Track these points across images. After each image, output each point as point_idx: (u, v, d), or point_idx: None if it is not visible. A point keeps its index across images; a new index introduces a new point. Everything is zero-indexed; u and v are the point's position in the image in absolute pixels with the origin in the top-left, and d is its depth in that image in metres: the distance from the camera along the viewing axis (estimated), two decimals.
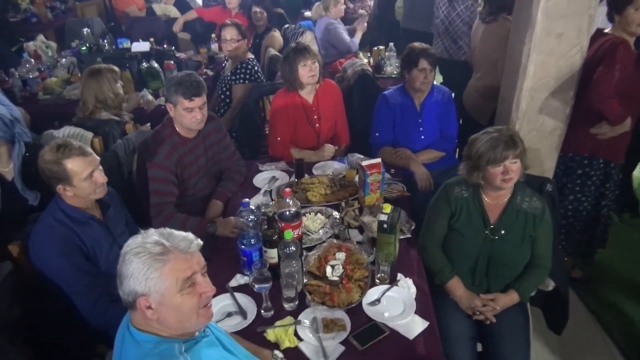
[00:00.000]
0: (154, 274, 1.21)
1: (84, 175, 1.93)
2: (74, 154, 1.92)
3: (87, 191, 1.97)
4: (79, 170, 1.92)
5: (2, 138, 2.35)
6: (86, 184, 1.95)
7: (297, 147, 3.01)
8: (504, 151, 1.91)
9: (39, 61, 4.41)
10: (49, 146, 1.94)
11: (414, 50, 2.88)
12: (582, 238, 2.98)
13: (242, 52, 3.67)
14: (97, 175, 1.97)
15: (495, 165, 1.93)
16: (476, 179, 2.02)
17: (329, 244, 2.10)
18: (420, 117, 2.98)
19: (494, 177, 1.95)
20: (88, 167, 1.94)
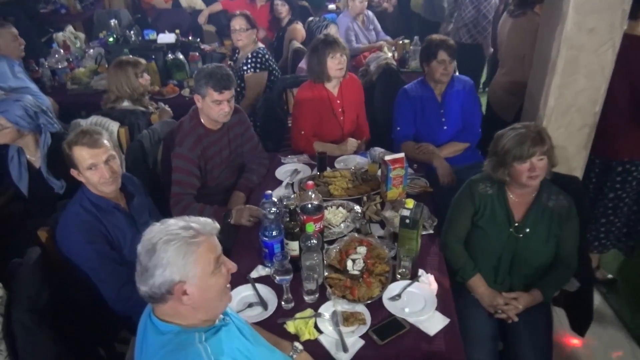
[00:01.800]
0: (191, 258, 1.23)
1: (85, 165, 1.96)
2: (83, 143, 1.95)
3: (92, 181, 1.99)
4: (81, 159, 1.96)
5: (25, 128, 2.41)
6: (89, 174, 1.97)
7: (321, 140, 3.00)
8: (531, 148, 1.87)
9: (67, 52, 4.49)
10: (75, 130, 2.00)
11: (432, 42, 2.86)
12: (621, 232, 2.93)
13: (252, 42, 3.66)
14: (102, 168, 1.97)
15: (522, 161, 1.90)
16: (502, 176, 1.99)
17: (350, 238, 2.10)
18: (442, 108, 2.96)
19: (520, 174, 1.92)
20: (91, 159, 1.95)
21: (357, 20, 4.64)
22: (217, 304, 1.33)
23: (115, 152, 2.05)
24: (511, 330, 2.00)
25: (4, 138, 2.37)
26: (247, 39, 3.64)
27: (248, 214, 2.34)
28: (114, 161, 2.01)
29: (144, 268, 1.25)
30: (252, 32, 3.65)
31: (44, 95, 3.45)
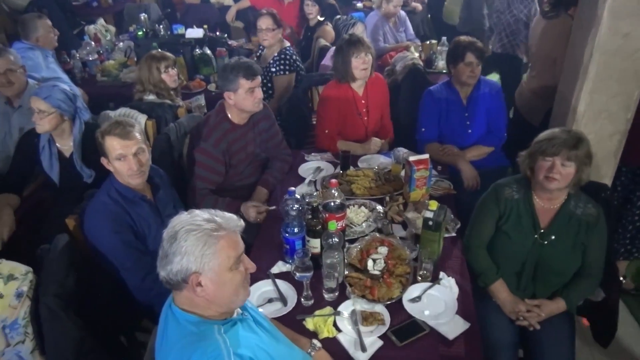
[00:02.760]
0: (209, 250, 1.24)
1: (115, 155, 2.00)
2: (115, 133, 1.99)
3: (120, 171, 2.03)
4: (111, 149, 2.00)
5: (67, 112, 2.45)
6: (118, 164, 2.01)
7: (344, 139, 3.00)
8: (559, 146, 1.84)
9: (98, 44, 4.57)
10: (110, 120, 2.05)
11: (460, 44, 2.83)
12: None
13: (279, 41, 3.67)
14: (130, 160, 2.00)
15: (545, 157, 1.87)
16: (525, 167, 1.96)
17: (371, 238, 2.10)
18: (467, 111, 2.93)
19: (539, 171, 1.90)
20: (121, 149, 1.99)
21: (389, 22, 4.61)
22: (233, 299, 1.34)
23: (145, 146, 2.08)
24: (532, 338, 1.97)
25: (49, 124, 2.41)
26: (273, 39, 3.65)
27: (254, 212, 2.39)
28: (142, 154, 2.04)
29: (164, 253, 1.28)
30: (278, 31, 3.66)
31: (74, 86, 3.51)
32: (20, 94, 2.84)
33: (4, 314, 1.68)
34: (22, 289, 1.70)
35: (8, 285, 1.69)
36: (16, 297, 1.69)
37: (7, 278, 1.70)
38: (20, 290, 1.70)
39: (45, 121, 2.39)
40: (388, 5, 4.53)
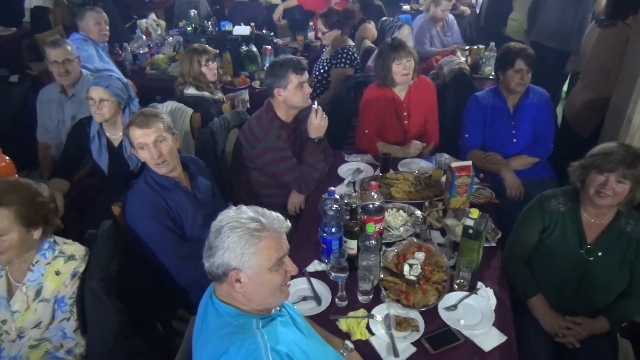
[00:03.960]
0: (250, 249, 1.26)
1: (136, 144, 2.06)
2: (135, 123, 2.05)
3: (145, 160, 2.08)
4: (133, 138, 2.07)
5: (123, 101, 2.55)
6: (141, 153, 2.08)
7: (384, 141, 2.98)
8: (616, 163, 1.76)
9: (149, 38, 4.70)
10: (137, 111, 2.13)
11: (510, 50, 2.76)
12: None
13: (340, 39, 3.72)
14: (150, 149, 2.04)
15: (599, 172, 1.80)
16: (575, 179, 1.90)
17: (408, 242, 2.08)
18: (513, 120, 2.86)
19: (591, 185, 1.83)
20: (139, 138, 2.04)
21: (436, 25, 4.55)
22: (270, 299, 1.36)
23: (169, 135, 2.09)
24: (571, 356, 1.90)
25: (108, 112, 2.51)
26: (330, 38, 3.76)
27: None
28: (163, 144, 2.06)
29: (209, 245, 1.31)
30: (333, 32, 3.75)
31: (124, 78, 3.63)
32: (75, 83, 2.96)
33: (57, 290, 1.76)
34: (77, 270, 1.78)
35: (67, 264, 1.77)
36: (71, 277, 1.77)
37: (68, 258, 1.78)
38: (75, 271, 1.78)
39: (105, 110, 2.49)
40: (436, 9, 4.47)
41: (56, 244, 1.80)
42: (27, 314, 1.75)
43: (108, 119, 2.54)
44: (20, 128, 3.31)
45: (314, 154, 2.58)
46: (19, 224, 1.64)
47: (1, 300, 1.75)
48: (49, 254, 1.77)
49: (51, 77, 3.17)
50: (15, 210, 1.63)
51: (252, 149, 2.58)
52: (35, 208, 1.68)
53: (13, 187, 1.68)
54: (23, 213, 1.64)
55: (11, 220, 1.62)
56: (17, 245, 1.66)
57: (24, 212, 1.64)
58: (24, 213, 1.64)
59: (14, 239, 1.65)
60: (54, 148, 3.00)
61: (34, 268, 1.75)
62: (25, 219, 1.65)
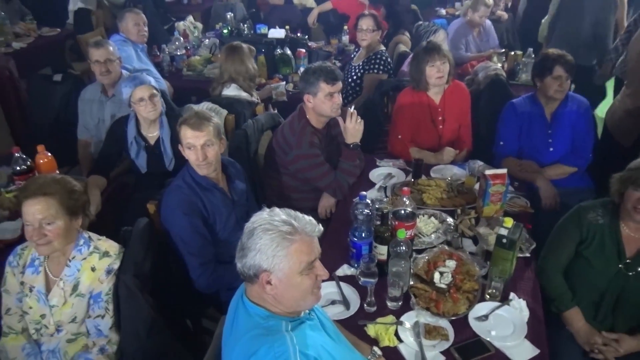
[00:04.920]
0: (281, 252, 1.27)
1: (184, 143, 2.10)
2: (188, 123, 2.09)
3: (189, 160, 2.12)
4: (183, 137, 2.10)
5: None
6: (187, 153, 2.11)
7: (417, 146, 2.96)
8: None
9: (186, 40, 4.80)
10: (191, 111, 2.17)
11: (549, 56, 2.70)
12: None
13: (376, 42, 3.72)
14: (198, 151, 2.08)
15: (635, 188, 1.74)
16: (615, 193, 1.85)
17: (440, 250, 2.05)
18: (550, 128, 2.79)
19: (628, 200, 1.78)
20: (190, 139, 2.08)
21: (473, 30, 4.49)
22: (300, 302, 1.36)
23: (217, 141, 2.13)
24: None
25: (159, 107, 2.60)
26: (372, 40, 3.73)
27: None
28: (210, 148, 2.10)
29: (242, 246, 1.33)
30: (377, 33, 3.76)
31: (162, 78, 3.72)
32: (115, 83, 3.04)
33: (92, 286, 1.81)
34: (112, 267, 1.83)
35: (102, 260, 1.82)
36: (106, 273, 1.82)
37: (103, 254, 1.83)
38: (110, 268, 1.83)
39: (158, 104, 2.58)
40: (474, 15, 4.41)
41: (91, 240, 1.85)
42: (64, 309, 1.81)
43: (159, 114, 2.61)
44: (62, 126, 3.42)
45: (349, 160, 2.58)
46: (64, 213, 1.71)
47: (40, 294, 1.81)
48: (84, 250, 1.82)
49: (92, 76, 3.28)
50: (60, 200, 1.70)
51: (285, 155, 2.61)
52: (75, 198, 1.76)
53: (54, 179, 1.76)
54: (66, 202, 1.72)
55: (57, 209, 1.69)
56: (62, 234, 1.73)
57: (66, 201, 1.72)
58: (66, 202, 1.72)
59: (61, 227, 1.71)
60: (93, 146, 3.10)
61: (71, 263, 1.81)
62: (68, 208, 1.73)
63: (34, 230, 1.68)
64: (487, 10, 4.46)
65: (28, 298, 1.81)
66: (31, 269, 1.82)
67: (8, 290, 1.84)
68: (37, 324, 1.83)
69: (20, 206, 1.70)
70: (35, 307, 1.81)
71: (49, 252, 1.77)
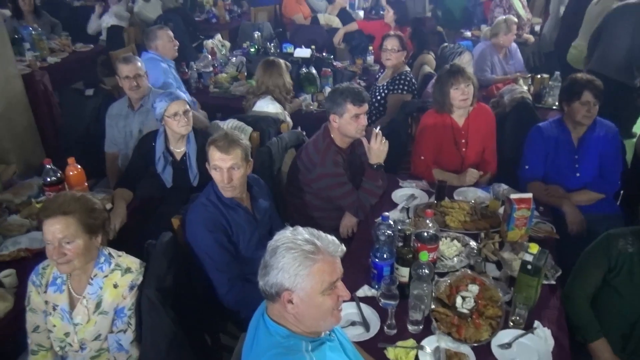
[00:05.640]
0: (304, 271, 1.27)
1: (211, 164, 2.12)
2: (217, 145, 2.11)
3: (215, 178, 2.14)
4: (210, 158, 2.13)
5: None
6: (213, 173, 2.14)
7: (440, 168, 2.94)
8: None
9: (214, 57, 4.90)
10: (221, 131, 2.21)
11: (577, 81, 2.67)
12: None
13: (401, 63, 3.74)
14: (223, 173, 2.10)
15: None
16: None
17: (462, 274, 2.02)
18: (577, 153, 2.75)
19: None
20: (217, 161, 2.10)
21: (498, 52, 4.47)
22: (320, 323, 1.36)
23: (244, 164, 2.15)
24: None
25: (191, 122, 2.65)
26: (397, 60, 3.77)
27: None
28: (236, 171, 2.12)
29: (264, 264, 1.33)
30: (402, 53, 3.79)
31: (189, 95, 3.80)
32: (142, 97, 3.12)
33: (115, 302, 1.83)
34: (135, 282, 1.85)
35: (124, 277, 1.84)
36: (129, 289, 1.84)
37: (124, 270, 1.85)
38: (133, 283, 1.84)
39: (190, 120, 2.64)
40: (499, 37, 4.40)
41: (111, 257, 1.86)
42: (87, 326, 1.82)
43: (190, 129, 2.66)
44: (91, 139, 3.50)
45: (373, 180, 2.58)
46: (83, 231, 1.72)
47: (64, 313, 1.82)
48: (105, 267, 1.83)
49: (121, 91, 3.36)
50: (79, 218, 1.71)
51: (309, 173, 2.62)
52: (95, 216, 1.77)
53: (73, 198, 1.77)
54: (85, 220, 1.73)
55: (76, 227, 1.70)
56: (82, 252, 1.74)
57: (86, 219, 1.73)
58: (86, 220, 1.73)
59: (80, 246, 1.72)
60: (120, 159, 3.17)
61: (93, 281, 1.82)
62: (87, 226, 1.73)
63: (54, 249, 1.70)
64: (513, 33, 4.44)
65: (52, 316, 1.83)
66: (54, 287, 1.84)
67: (34, 309, 1.86)
68: (62, 341, 1.85)
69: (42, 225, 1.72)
70: (59, 325, 1.83)
71: (69, 271, 1.79)
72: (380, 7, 6.77)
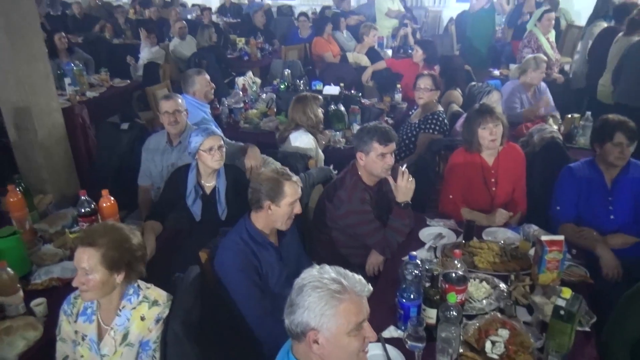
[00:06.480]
0: (330, 311, 1.26)
1: (292, 200, 2.16)
2: (293, 180, 2.17)
3: (283, 215, 2.17)
4: (290, 194, 2.16)
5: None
6: (286, 210, 2.16)
7: (469, 207, 2.91)
8: None
9: (245, 94, 5.03)
10: (271, 168, 2.27)
11: (608, 122, 2.64)
12: None
13: (433, 103, 3.76)
14: (297, 206, 2.17)
15: None
16: None
17: (492, 317, 1.97)
18: (610, 195, 2.69)
19: None
20: (295, 195, 2.17)
21: (527, 91, 4.47)
22: None
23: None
24: None
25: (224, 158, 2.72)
26: (429, 99, 3.82)
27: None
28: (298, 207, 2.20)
29: (290, 302, 1.33)
30: (435, 92, 3.85)
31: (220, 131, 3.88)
32: (180, 133, 3.21)
33: (141, 335, 1.84)
34: (161, 315, 1.86)
35: (151, 309, 1.85)
36: (155, 322, 1.84)
37: (152, 303, 1.86)
38: (159, 316, 1.85)
39: (224, 155, 2.71)
40: (527, 75, 4.40)
41: (140, 289, 1.88)
42: (114, 358, 1.83)
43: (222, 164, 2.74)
44: (125, 171, 3.61)
45: (400, 218, 2.57)
46: (103, 266, 1.73)
47: (92, 343, 1.84)
48: (134, 299, 1.85)
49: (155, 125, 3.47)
50: (103, 253, 1.72)
51: (336, 210, 2.63)
52: (120, 253, 1.75)
53: (106, 230, 1.79)
54: (109, 256, 1.73)
55: (97, 261, 1.72)
56: (98, 286, 1.74)
57: (110, 255, 1.73)
58: (109, 256, 1.73)
59: (96, 279, 1.73)
60: (154, 192, 3.24)
61: (121, 313, 1.84)
62: (109, 262, 1.73)
63: (78, 277, 1.74)
64: (541, 70, 4.43)
65: (80, 346, 1.85)
66: (84, 317, 1.87)
67: (64, 338, 1.88)
68: None
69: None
70: (87, 355, 1.85)
71: (88, 299, 1.82)
72: (409, 47, 6.88)
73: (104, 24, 8.71)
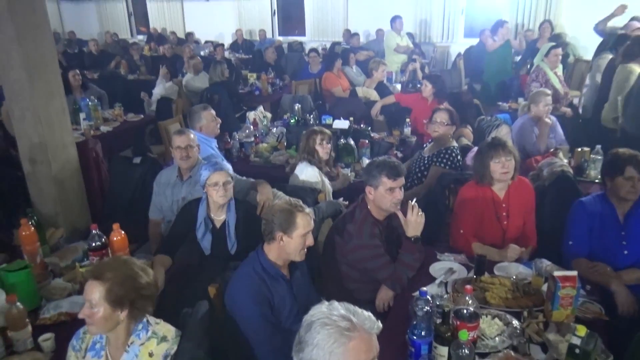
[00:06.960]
0: (339, 349, 1.25)
1: (304, 231, 2.17)
2: (305, 212, 2.19)
3: (295, 247, 2.18)
4: (303, 225, 2.17)
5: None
6: (299, 242, 2.17)
7: (480, 242, 2.89)
8: None
9: (255, 128, 5.10)
10: (284, 200, 2.30)
11: (619, 156, 2.63)
12: None
13: (447, 138, 3.78)
14: (310, 238, 2.18)
15: None
16: None
17: (505, 355, 1.92)
18: (623, 230, 2.65)
19: None
20: (308, 227, 2.18)
21: (538, 124, 4.48)
22: None
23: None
24: None
25: (230, 192, 2.75)
26: (444, 133, 3.83)
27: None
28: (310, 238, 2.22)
29: (299, 339, 1.32)
30: (450, 128, 3.86)
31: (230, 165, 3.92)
32: (192, 167, 3.25)
33: None
34: (169, 352, 1.84)
35: (160, 345, 1.84)
36: (163, 358, 1.83)
37: (160, 339, 1.85)
38: (167, 352, 1.84)
39: (230, 191, 2.74)
40: (537, 107, 4.42)
41: (149, 324, 1.86)
42: None
43: (229, 199, 2.74)
44: (136, 204, 3.64)
45: (410, 252, 2.56)
46: (106, 301, 1.72)
47: None
48: (142, 335, 1.83)
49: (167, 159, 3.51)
50: (108, 288, 1.72)
51: (345, 244, 2.63)
52: (126, 290, 1.74)
53: (117, 264, 1.80)
54: (114, 292, 1.72)
55: (101, 296, 1.71)
56: (100, 321, 1.73)
57: (115, 291, 1.72)
58: (114, 292, 1.72)
59: (99, 314, 1.72)
60: (164, 226, 3.26)
61: (129, 349, 1.82)
62: (113, 298, 1.72)
63: (84, 309, 1.74)
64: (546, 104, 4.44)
65: None
66: (92, 352, 1.85)
67: None
68: None
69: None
70: None
71: (94, 333, 1.82)
72: (417, 81, 6.96)
73: (119, 60, 8.98)
